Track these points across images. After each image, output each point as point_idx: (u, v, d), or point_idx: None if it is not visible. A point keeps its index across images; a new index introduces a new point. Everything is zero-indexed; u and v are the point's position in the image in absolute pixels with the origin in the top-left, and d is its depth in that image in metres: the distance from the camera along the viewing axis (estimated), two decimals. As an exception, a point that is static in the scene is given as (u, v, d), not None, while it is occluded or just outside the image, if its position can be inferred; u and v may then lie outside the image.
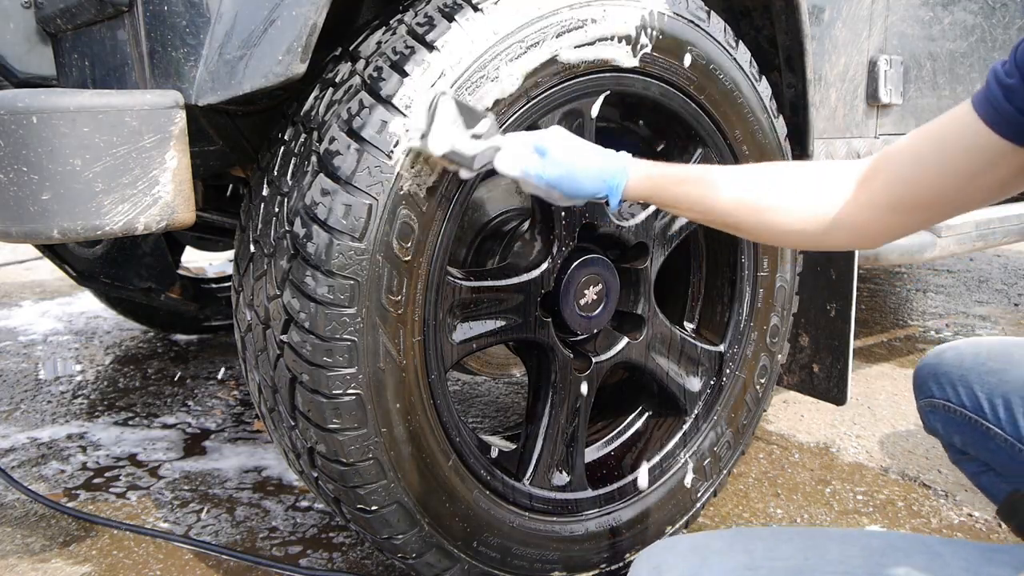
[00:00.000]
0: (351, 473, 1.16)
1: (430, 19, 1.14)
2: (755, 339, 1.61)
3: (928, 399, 1.24)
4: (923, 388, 1.26)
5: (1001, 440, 1.12)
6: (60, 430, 2.21)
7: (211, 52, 1.08)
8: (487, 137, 1.09)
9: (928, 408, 1.24)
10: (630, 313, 1.49)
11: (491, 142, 1.10)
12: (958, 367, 1.20)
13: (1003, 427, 1.12)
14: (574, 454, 1.42)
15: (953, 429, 1.20)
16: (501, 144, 1.10)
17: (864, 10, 1.80)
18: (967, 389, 1.17)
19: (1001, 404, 1.12)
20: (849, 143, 1.83)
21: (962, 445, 1.21)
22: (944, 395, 1.20)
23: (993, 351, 1.19)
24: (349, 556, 1.59)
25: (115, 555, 1.61)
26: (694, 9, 1.36)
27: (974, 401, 1.16)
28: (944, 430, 1.22)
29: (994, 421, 1.13)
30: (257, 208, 1.22)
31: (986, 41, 2.10)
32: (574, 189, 1.10)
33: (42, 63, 1.34)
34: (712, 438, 1.59)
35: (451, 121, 1.06)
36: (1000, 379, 1.14)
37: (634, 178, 1.09)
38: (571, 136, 1.13)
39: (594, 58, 1.25)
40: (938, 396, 1.22)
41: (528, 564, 1.35)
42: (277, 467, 1.97)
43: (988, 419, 1.14)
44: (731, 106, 1.44)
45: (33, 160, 0.97)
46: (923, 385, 1.26)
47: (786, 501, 1.83)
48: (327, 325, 1.09)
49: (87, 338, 3.10)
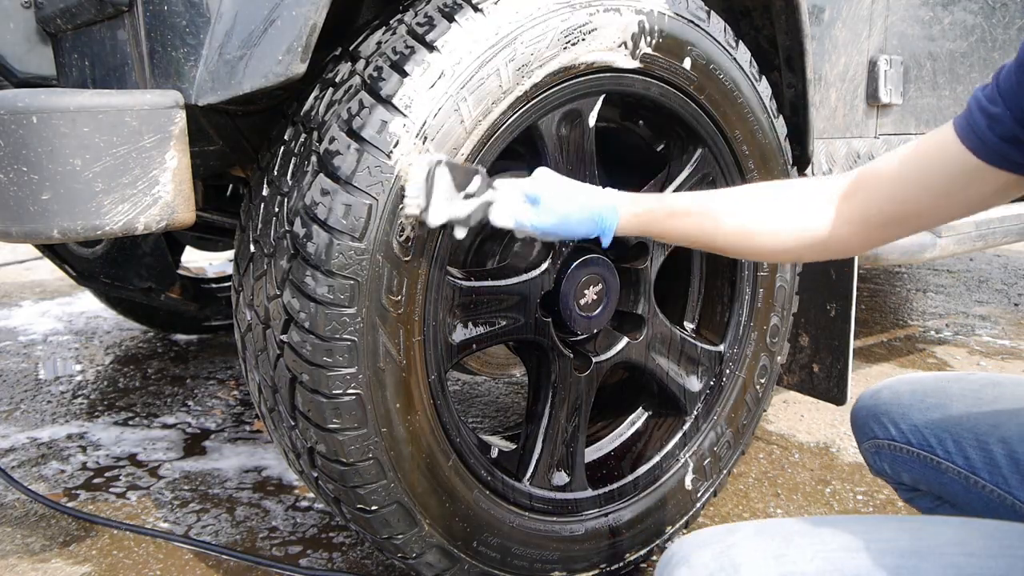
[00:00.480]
0: (351, 473, 1.16)
1: (430, 19, 1.14)
2: (755, 339, 1.61)
3: (872, 440, 1.21)
4: (864, 430, 1.23)
5: (954, 473, 1.11)
6: (60, 430, 2.21)
7: (211, 52, 1.08)
8: (480, 194, 1.12)
9: (873, 450, 1.22)
10: (630, 313, 1.49)
11: (484, 198, 1.12)
12: (897, 405, 1.18)
13: (954, 460, 1.10)
14: (574, 454, 1.42)
15: (902, 467, 1.18)
16: (493, 198, 1.13)
17: (864, 10, 1.80)
18: (911, 426, 1.15)
19: (949, 438, 1.11)
20: (849, 143, 1.83)
21: (912, 482, 1.18)
22: (888, 434, 1.18)
23: (929, 387, 1.18)
24: (349, 556, 1.59)
25: (115, 555, 1.61)
26: (694, 9, 1.36)
27: (920, 437, 1.14)
28: (892, 469, 1.20)
29: (944, 455, 1.12)
30: (257, 208, 1.22)
31: (986, 41, 2.10)
32: (568, 233, 1.13)
33: (42, 63, 1.34)
34: (712, 438, 1.59)
35: (446, 189, 1.09)
36: (944, 414, 1.13)
37: (625, 215, 1.12)
38: (560, 179, 1.15)
39: (594, 58, 1.25)
40: (881, 436, 1.19)
41: (528, 564, 1.35)
42: (277, 467, 1.97)
43: (938, 454, 1.12)
44: (731, 106, 1.44)
45: (33, 160, 0.97)
46: (864, 427, 1.23)
47: (786, 501, 1.83)
48: (327, 325, 1.09)
49: (87, 338, 3.10)
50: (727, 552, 0.79)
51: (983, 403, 1.11)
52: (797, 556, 0.78)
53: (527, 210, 1.12)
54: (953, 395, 1.15)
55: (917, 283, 4.01)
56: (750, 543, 0.80)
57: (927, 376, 1.22)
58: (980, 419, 1.09)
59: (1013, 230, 2.23)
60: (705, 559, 0.79)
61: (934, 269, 4.29)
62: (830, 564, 0.77)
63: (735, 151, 1.48)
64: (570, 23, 1.21)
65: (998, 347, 2.96)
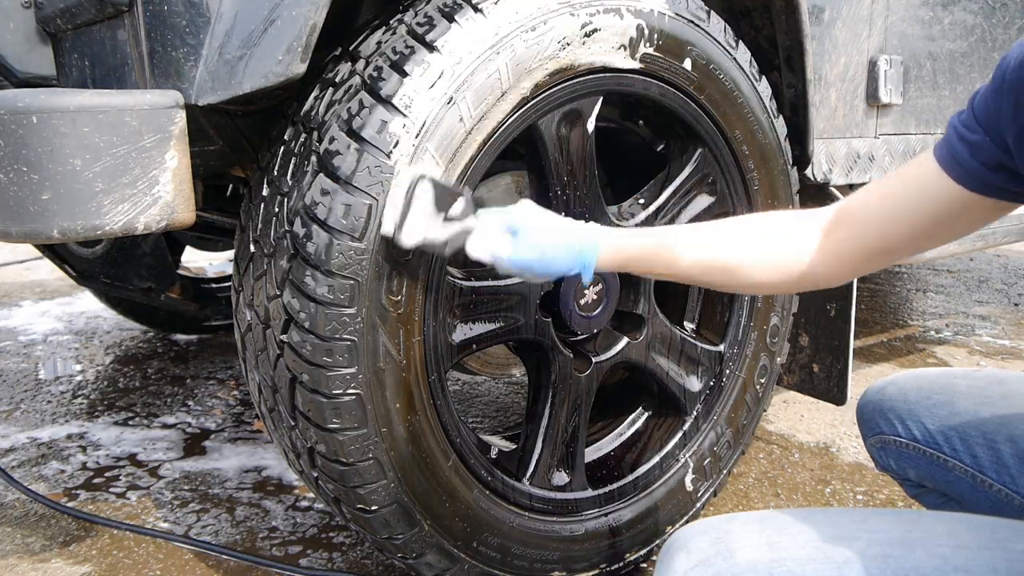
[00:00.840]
0: (351, 473, 1.16)
1: (430, 19, 1.14)
2: (755, 339, 1.61)
3: (877, 436, 1.21)
4: (870, 425, 1.22)
5: (961, 471, 1.10)
6: (60, 430, 2.21)
7: (211, 52, 1.08)
8: (461, 218, 1.08)
9: (878, 445, 1.21)
10: (630, 313, 1.49)
11: (464, 224, 1.08)
12: (903, 402, 1.17)
13: (961, 458, 1.10)
14: (574, 454, 1.42)
15: (908, 464, 1.17)
16: (473, 226, 1.09)
17: (864, 10, 1.80)
18: (917, 423, 1.15)
19: (956, 436, 1.10)
20: (849, 143, 1.83)
21: (918, 479, 1.18)
22: (894, 431, 1.18)
23: (935, 384, 1.17)
24: (349, 556, 1.59)
25: (115, 555, 1.61)
26: (694, 9, 1.36)
27: (926, 435, 1.14)
28: (898, 466, 1.19)
29: (951, 453, 1.11)
30: (257, 208, 1.22)
31: (986, 41, 2.10)
32: (546, 269, 1.10)
33: (42, 63, 1.34)
34: (712, 438, 1.59)
35: (425, 207, 1.05)
36: (950, 411, 1.12)
37: (605, 252, 1.09)
38: (542, 212, 1.13)
39: (594, 59, 1.25)
40: (887, 432, 1.19)
41: (528, 564, 1.35)
42: (277, 467, 1.97)
43: (944, 451, 1.12)
44: (731, 106, 1.44)
45: (33, 160, 0.97)
46: (870, 422, 1.22)
47: (786, 501, 1.83)
48: (327, 325, 1.09)
49: (87, 338, 3.10)
50: (723, 539, 0.82)
51: (990, 401, 1.11)
52: (789, 543, 0.80)
53: (506, 242, 1.08)
54: (960, 392, 1.14)
55: (917, 283, 4.01)
56: (745, 530, 0.82)
57: (934, 372, 1.22)
58: (987, 417, 1.09)
59: (1013, 230, 2.23)
60: (703, 545, 0.82)
61: (934, 269, 4.29)
62: (820, 551, 0.78)
63: (735, 151, 1.48)
64: (570, 23, 1.21)
65: (998, 347, 2.96)
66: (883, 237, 0.94)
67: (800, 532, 0.80)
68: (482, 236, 1.09)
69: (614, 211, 1.41)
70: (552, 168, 1.27)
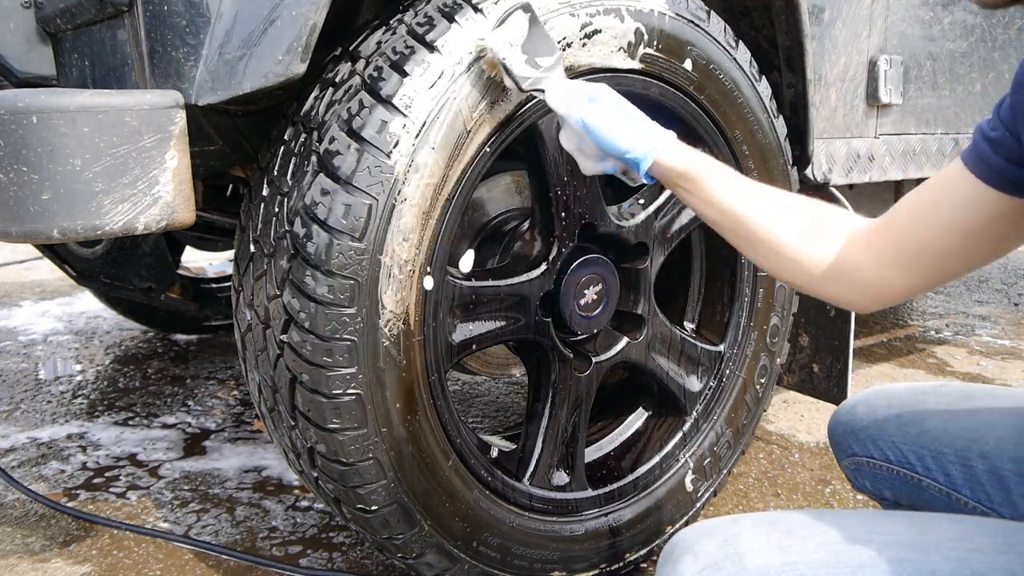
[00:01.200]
0: (351, 473, 1.16)
1: (430, 19, 1.14)
2: (755, 339, 1.61)
3: (851, 458, 1.19)
4: (843, 447, 1.21)
5: (935, 490, 1.09)
6: (60, 430, 2.21)
7: (211, 52, 1.08)
8: (546, 70, 1.10)
9: (852, 467, 1.20)
10: (630, 313, 1.49)
11: (545, 74, 1.10)
12: (874, 421, 1.16)
13: (934, 477, 1.08)
14: (574, 454, 1.42)
15: (883, 484, 1.16)
16: (555, 80, 1.11)
17: (864, 10, 1.80)
18: (889, 443, 1.13)
19: (928, 455, 1.09)
20: (849, 143, 1.83)
21: (895, 498, 1.17)
22: (867, 452, 1.16)
23: (904, 401, 1.16)
24: (349, 556, 1.59)
25: (115, 555, 1.61)
26: (694, 9, 1.36)
27: (899, 455, 1.12)
28: (873, 486, 1.18)
29: (924, 472, 1.10)
30: (257, 208, 1.22)
31: (986, 41, 2.10)
32: (609, 143, 1.07)
33: (42, 63, 1.34)
34: (712, 438, 1.59)
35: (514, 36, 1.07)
36: (920, 430, 1.11)
37: (670, 149, 1.06)
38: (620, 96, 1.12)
39: (594, 59, 1.25)
40: (860, 453, 1.17)
41: (528, 564, 1.35)
42: (277, 467, 1.97)
43: (918, 471, 1.10)
44: (731, 106, 1.44)
45: (33, 160, 0.97)
46: (842, 443, 1.21)
47: (786, 501, 1.83)
48: (327, 325, 1.09)
49: (87, 338, 3.10)
50: (731, 541, 0.80)
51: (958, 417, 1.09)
52: (800, 547, 0.78)
53: (584, 105, 1.08)
54: (928, 410, 1.12)
55: (917, 283, 4.00)
56: (754, 532, 0.80)
57: (902, 388, 1.20)
58: (957, 434, 1.07)
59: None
60: (710, 548, 0.80)
61: (934, 269, 4.28)
62: (833, 555, 0.77)
63: (735, 151, 1.48)
64: (570, 24, 1.21)
65: (998, 347, 2.96)
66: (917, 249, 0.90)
67: (811, 535, 0.79)
68: (564, 91, 1.10)
69: (614, 211, 1.41)
70: (552, 168, 1.27)
